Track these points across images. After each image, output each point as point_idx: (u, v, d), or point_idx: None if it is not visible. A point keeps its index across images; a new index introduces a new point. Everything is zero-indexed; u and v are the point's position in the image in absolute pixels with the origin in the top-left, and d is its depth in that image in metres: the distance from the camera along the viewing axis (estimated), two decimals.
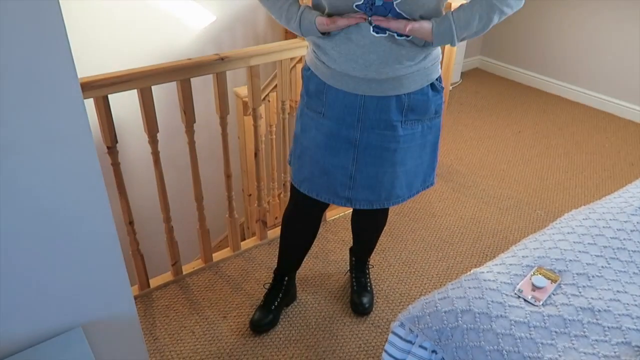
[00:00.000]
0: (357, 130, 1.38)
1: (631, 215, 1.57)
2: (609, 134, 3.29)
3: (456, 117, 3.50)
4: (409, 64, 1.30)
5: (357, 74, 1.30)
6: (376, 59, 1.27)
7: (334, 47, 1.30)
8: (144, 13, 2.99)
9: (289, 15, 1.33)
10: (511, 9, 1.27)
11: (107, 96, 1.64)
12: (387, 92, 1.33)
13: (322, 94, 1.38)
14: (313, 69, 1.40)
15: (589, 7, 3.53)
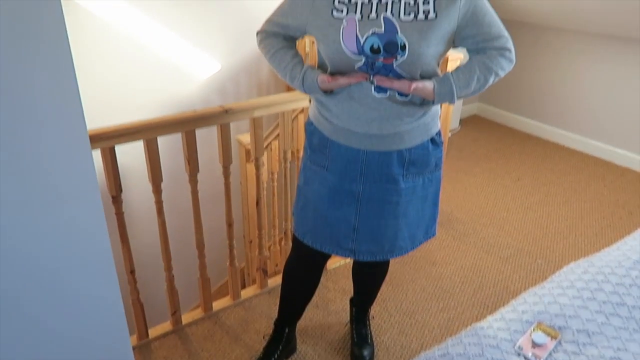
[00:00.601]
0: (360, 184, 1.41)
1: (629, 269, 1.57)
2: (606, 182, 3.33)
3: (455, 164, 3.55)
4: (409, 121, 1.35)
5: (359, 130, 1.35)
6: (378, 116, 1.32)
7: (337, 105, 1.35)
8: (151, 61, 3.09)
9: (293, 74, 1.38)
10: (504, 71, 1.36)
11: (114, 147, 1.69)
12: (389, 147, 1.37)
13: (325, 148, 1.42)
14: (316, 124, 1.45)
15: (586, 57, 3.64)
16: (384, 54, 1.24)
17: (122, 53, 2.97)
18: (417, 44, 1.23)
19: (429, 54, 1.26)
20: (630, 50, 3.35)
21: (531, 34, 3.94)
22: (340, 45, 1.25)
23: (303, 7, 1.33)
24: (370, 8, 1.24)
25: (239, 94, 3.50)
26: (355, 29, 1.24)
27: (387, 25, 1.22)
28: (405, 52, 1.23)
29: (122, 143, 1.69)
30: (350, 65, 1.27)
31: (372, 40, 1.23)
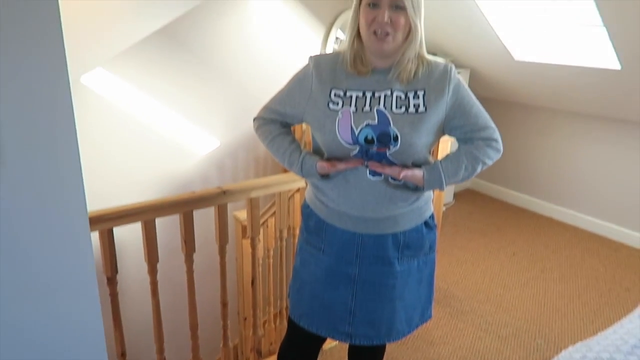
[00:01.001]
0: (356, 266, 1.42)
1: (628, 354, 1.55)
2: (602, 258, 3.33)
3: (451, 239, 3.57)
4: (403, 205, 1.39)
5: (354, 213, 1.38)
6: (372, 200, 1.36)
7: (333, 189, 1.39)
8: (153, 138, 3.19)
9: (291, 159, 1.42)
10: (491, 160, 1.42)
11: (112, 229, 1.71)
12: (384, 230, 1.39)
13: (322, 231, 1.44)
14: (312, 207, 1.48)
15: (577, 135, 3.77)
16: (378, 144, 1.29)
17: (125, 130, 3.07)
18: (409, 135, 1.29)
19: (420, 144, 1.33)
20: (619, 130, 3.48)
21: (522, 113, 4.10)
22: (336, 135, 1.31)
23: (301, 97, 1.39)
24: (364, 102, 1.31)
25: (236, 170, 3.58)
26: (350, 121, 1.30)
27: (380, 118, 1.29)
28: (398, 142, 1.29)
29: (120, 225, 1.71)
30: (345, 153, 1.33)
31: (366, 132, 1.29)
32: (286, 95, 1.44)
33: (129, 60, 2.94)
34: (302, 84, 1.39)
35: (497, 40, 3.43)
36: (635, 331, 1.72)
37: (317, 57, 1.40)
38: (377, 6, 1.24)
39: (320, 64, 1.37)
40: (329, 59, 1.39)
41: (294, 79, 1.43)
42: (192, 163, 3.41)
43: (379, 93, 1.31)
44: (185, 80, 3.22)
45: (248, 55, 3.43)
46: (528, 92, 3.88)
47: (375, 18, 1.25)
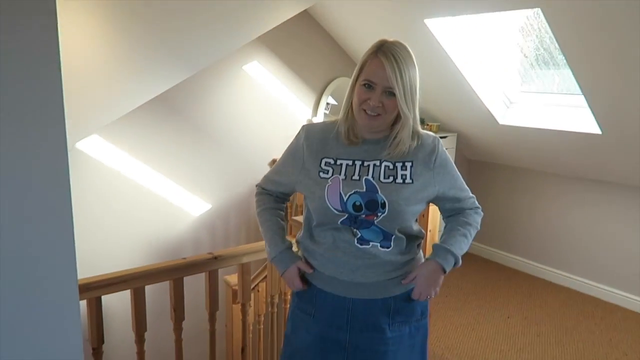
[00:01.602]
0: (347, 333, 1.40)
1: None
2: (597, 320, 3.30)
3: (445, 301, 3.52)
4: (393, 270, 1.39)
5: (344, 278, 1.38)
6: (362, 265, 1.36)
7: (323, 254, 1.40)
8: (145, 201, 3.20)
9: (272, 242, 1.47)
10: (479, 225, 1.48)
11: (100, 297, 1.68)
12: (374, 295, 1.39)
13: (313, 297, 1.43)
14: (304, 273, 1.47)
15: (565, 197, 3.83)
16: (366, 211, 1.32)
17: (118, 195, 3.08)
18: (396, 203, 1.32)
19: (408, 212, 1.36)
20: (605, 192, 3.55)
21: (510, 175, 4.19)
22: (325, 201, 1.33)
23: (294, 168, 1.43)
24: (353, 170, 1.35)
25: (228, 233, 3.57)
26: (339, 187, 1.33)
27: (368, 185, 1.32)
28: (385, 209, 1.32)
29: (109, 293, 1.69)
30: (334, 219, 1.35)
31: (355, 199, 1.32)
32: (281, 165, 1.49)
33: (123, 126, 3.00)
34: (295, 155, 1.43)
35: (482, 105, 3.56)
36: None
37: (308, 127, 1.45)
38: (372, 88, 1.28)
39: (311, 135, 1.42)
40: (320, 129, 1.43)
41: (288, 150, 1.48)
42: (184, 226, 3.40)
43: (368, 162, 1.35)
44: (178, 145, 3.28)
45: (240, 121, 3.52)
46: (514, 155, 3.99)
47: (368, 99, 1.29)
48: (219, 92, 3.38)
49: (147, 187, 3.19)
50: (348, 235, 1.35)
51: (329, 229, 1.38)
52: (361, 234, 1.35)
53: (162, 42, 2.47)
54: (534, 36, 3.31)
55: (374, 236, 1.35)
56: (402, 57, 1.27)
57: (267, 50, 3.55)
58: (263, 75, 3.59)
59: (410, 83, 1.28)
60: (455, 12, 2.92)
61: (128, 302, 1.78)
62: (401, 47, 1.30)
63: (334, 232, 1.37)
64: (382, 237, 1.36)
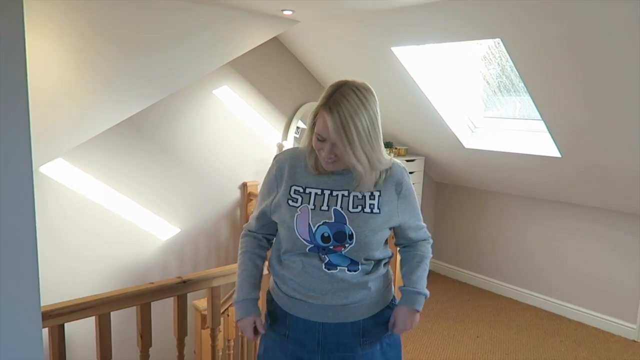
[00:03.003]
0: (318, 354, 1.40)
1: None
2: (562, 337, 3.37)
3: None
4: (362, 292, 1.40)
5: (314, 301, 1.38)
6: (331, 288, 1.37)
7: (293, 279, 1.40)
8: (111, 225, 3.13)
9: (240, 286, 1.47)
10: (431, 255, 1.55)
11: (63, 325, 1.63)
12: (344, 319, 1.39)
13: (285, 318, 1.44)
14: (275, 298, 1.48)
15: (530, 217, 3.94)
16: (334, 242, 1.34)
17: (84, 219, 3.01)
18: (364, 234, 1.35)
19: (375, 242, 1.39)
20: (568, 213, 3.68)
21: (476, 197, 4.29)
22: (294, 231, 1.35)
23: (270, 192, 1.46)
24: (322, 200, 1.37)
25: (197, 257, 3.52)
26: (308, 218, 1.35)
27: (336, 217, 1.34)
28: (353, 240, 1.34)
29: (72, 320, 1.64)
30: (302, 248, 1.37)
31: (323, 229, 1.34)
32: (260, 201, 1.51)
33: (89, 149, 2.96)
34: (270, 187, 1.46)
35: (449, 130, 3.67)
36: None
37: (277, 157, 1.47)
38: (323, 141, 1.30)
39: (281, 164, 1.45)
40: (289, 156, 1.46)
41: (263, 185, 1.50)
42: (152, 250, 3.34)
43: (337, 192, 1.38)
44: (146, 169, 3.25)
45: (210, 144, 3.51)
46: (479, 178, 4.10)
47: (321, 149, 1.31)
48: (188, 116, 3.38)
49: (114, 211, 3.13)
50: (316, 261, 1.37)
51: (297, 254, 1.39)
52: (329, 259, 1.36)
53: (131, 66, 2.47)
54: (495, 64, 3.45)
55: (341, 261, 1.37)
56: (349, 109, 1.25)
57: (237, 75, 3.58)
58: (233, 99, 3.61)
59: (362, 131, 1.26)
60: (421, 41, 3.03)
61: (92, 329, 1.73)
62: (354, 94, 1.28)
63: (303, 258, 1.38)
64: (349, 262, 1.38)
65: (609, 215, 3.43)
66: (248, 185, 3.70)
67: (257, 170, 3.65)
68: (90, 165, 3.00)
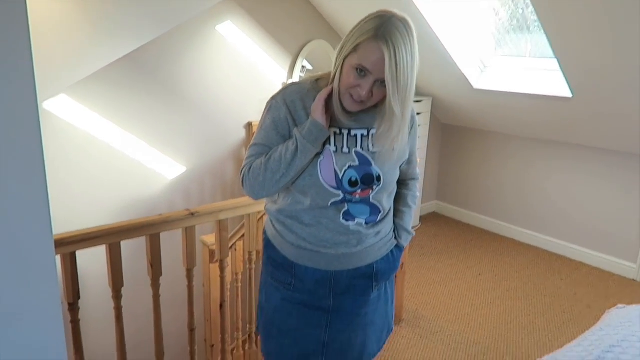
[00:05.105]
0: (330, 299, 1.36)
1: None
2: (563, 276, 3.44)
3: (418, 261, 3.61)
4: (374, 239, 1.38)
5: (327, 252, 1.32)
6: (345, 240, 1.32)
7: (304, 229, 1.31)
8: (117, 163, 3.13)
9: (287, 148, 1.23)
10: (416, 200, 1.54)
11: (75, 253, 1.66)
12: (357, 264, 1.35)
13: (291, 268, 1.36)
14: (278, 247, 1.38)
15: (536, 159, 3.92)
16: (362, 186, 1.27)
17: (88, 156, 3.00)
18: (389, 173, 1.31)
19: (394, 181, 1.37)
20: (574, 154, 3.65)
21: (482, 139, 4.25)
22: (318, 179, 1.25)
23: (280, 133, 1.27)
24: (342, 141, 1.26)
25: (203, 195, 3.54)
26: (333, 162, 1.25)
27: (360, 159, 1.26)
28: (381, 182, 1.28)
29: (84, 248, 1.66)
30: (327, 198, 1.26)
31: (350, 174, 1.25)
32: (264, 136, 1.29)
33: (92, 85, 2.91)
34: (278, 126, 1.27)
35: (457, 69, 3.58)
36: (597, 343, 1.77)
37: (283, 95, 1.28)
38: (364, 75, 1.16)
39: (290, 102, 1.27)
40: (297, 95, 1.28)
41: (266, 125, 1.29)
42: (158, 189, 3.35)
43: (355, 131, 1.28)
44: (150, 107, 3.20)
45: (214, 82, 3.45)
46: (487, 119, 4.04)
47: (358, 86, 1.17)
48: (191, 52, 3.29)
49: (119, 149, 3.12)
50: (332, 212, 1.28)
51: (313, 209, 1.29)
52: (348, 208, 1.29)
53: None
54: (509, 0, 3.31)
55: (361, 211, 1.30)
56: (405, 47, 1.13)
57: (240, 10, 3.46)
58: (237, 36, 3.50)
59: (408, 72, 1.14)
60: None
61: (104, 264, 1.75)
62: (405, 30, 1.14)
63: (317, 210, 1.29)
64: (369, 211, 1.32)
65: (613, 156, 3.41)
66: (253, 125, 3.66)
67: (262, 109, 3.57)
68: (95, 102, 2.96)
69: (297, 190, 1.29)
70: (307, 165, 1.24)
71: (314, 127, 1.21)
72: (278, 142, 1.27)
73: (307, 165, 1.24)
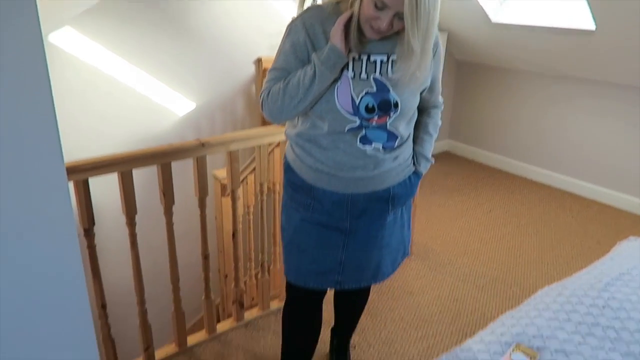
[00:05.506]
0: (347, 221, 1.40)
1: (601, 291, 1.61)
2: (574, 214, 3.43)
3: (429, 198, 3.61)
4: (392, 163, 1.38)
5: (344, 175, 1.34)
6: (363, 164, 1.33)
7: (322, 152, 1.34)
8: (128, 100, 3.10)
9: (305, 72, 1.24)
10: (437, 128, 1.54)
11: (87, 180, 1.67)
12: (374, 187, 1.38)
13: (310, 190, 1.40)
14: (297, 171, 1.41)
15: (552, 96, 3.82)
16: (379, 112, 1.26)
17: (96, 91, 2.97)
18: (407, 100, 1.29)
19: (413, 108, 1.35)
20: (592, 91, 3.54)
21: (498, 75, 4.13)
22: (335, 104, 1.25)
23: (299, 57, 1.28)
24: (360, 66, 1.25)
25: (214, 131, 3.52)
26: (350, 88, 1.24)
27: (378, 85, 1.25)
28: (398, 109, 1.27)
29: (96, 176, 1.67)
30: (343, 124, 1.27)
31: (367, 100, 1.25)
32: (283, 61, 1.30)
33: (98, 17, 2.82)
34: (297, 49, 1.28)
35: (475, 1, 3.42)
36: (607, 271, 1.78)
37: (303, 18, 1.28)
38: (383, 9, 1.15)
39: (310, 25, 1.27)
40: (317, 16, 1.27)
41: (286, 49, 1.30)
42: (168, 125, 3.34)
43: (375, 57, 1.26)
44: (157, 40, 3.12)
45: (223, 15, 3.34)
46: (503, 55, 3.90)
47: (377, 19, 1.16)
48: None
49: (128, 84, 3.08)
50: (349, 136, 1.29)
51: (330, 134, 1.30)
52: (365, 133, 1.29)
53: None
54: None
55: (378, 136, 1.31)
56: None
57: None
58: None
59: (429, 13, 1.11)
60: None
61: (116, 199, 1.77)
62: None
63: (335, 135, 1.30)
64: (386, 137, 1.32)
65: (632, 93, 3.30)
66: (263, 60, 3.58)
67: (272, 44, 3.49)
68: (101, 34, 2.88)
69: (315, 115, 1.31)
70: (325, 91, 1.25)
71: (332, 52, 1.21)
72: (297, 67, 1.28)
73: (324, 90, 1.25)
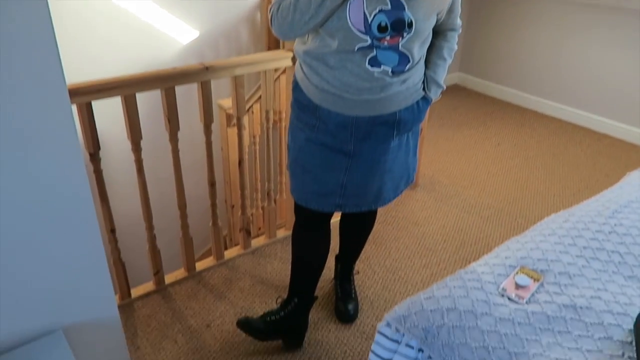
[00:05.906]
0: (351, 144, 1.39)
1: (608, 218, 1.61)
2: (584, 147, 3.39)
3: (437, 131, 3.56)
4: (400, 87, 1.34)
5: (350, 96, 1.32)
6: (369, 86, 1.30)
7: (329, 72, 1.31)
8: (130, 27, 3.00)
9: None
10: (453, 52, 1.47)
11: (91, 103, 1.64)
12: (380, 111, 1.35)
13: (315, 110, 1.39)
14: (304, 90, 1.40)
15: (561, 27, 3.66)
16: (391, 32, 1.21)
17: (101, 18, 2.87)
18: (422, 20, 1.23)
19: (428, 29, 1.29)
20: (602, 19, 3.38)
21: (513, 6, 3.94)
22: (346, 21, 1.21)
23: None
24: None
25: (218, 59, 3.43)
26: (363, 5, 1.19)
27: (392, 3, 1.19)
28: (412, 29, 1.22)
29: (99, 99, 1.64)
30: (354, 43, 1.23)
31: (380, 18, 1.20)
32: None
33: None
34: None
35: None
36: (616, 199, 1.77)
37: None
38: None
39: None
40: None
41: None
42: (171, 52, 3.25)
43: None
44: None
45: None
46: None
47: None
48: None
49: (129, 10, 2.96)
50: (358, 57, 1.25)
51: (340, 52, 1.26)
52: (375, 53, 1.25)
53: None
54: None
55: (389, 58, 1.26)
56: None
57: None
58: None
59: None
60: None
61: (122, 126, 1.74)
62: None
63: (343, 54, 1.26)
64: (397, 59, 1.27)
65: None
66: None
67: None
68: None
69: (325, 32, 1.26)
70: (337, 8, 1.20)
71: None
72: None
73: (337, 7, 1.20)
